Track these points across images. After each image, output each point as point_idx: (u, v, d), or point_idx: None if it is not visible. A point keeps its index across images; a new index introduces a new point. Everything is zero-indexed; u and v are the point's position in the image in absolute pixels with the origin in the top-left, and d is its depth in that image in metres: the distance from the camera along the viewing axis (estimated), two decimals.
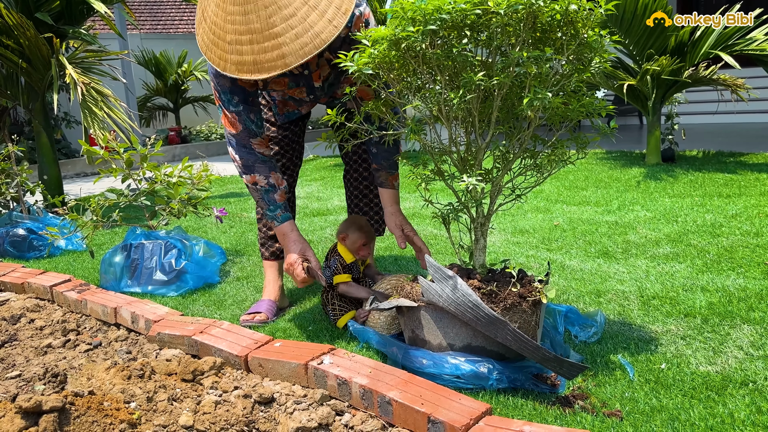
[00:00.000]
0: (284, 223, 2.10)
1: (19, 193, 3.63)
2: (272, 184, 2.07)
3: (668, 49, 4.93)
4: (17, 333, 2.25)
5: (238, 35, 1.74)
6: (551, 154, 1.82)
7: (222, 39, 1.78)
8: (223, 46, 1.78)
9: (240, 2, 1.71)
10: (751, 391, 1.54)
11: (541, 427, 1.35)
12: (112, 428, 1.45)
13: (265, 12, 1.70)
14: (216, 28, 1.78)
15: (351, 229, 2.18)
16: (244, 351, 1.83)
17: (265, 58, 1.75)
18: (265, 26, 1.71)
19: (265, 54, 1.74)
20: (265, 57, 1.74)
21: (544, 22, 1.60)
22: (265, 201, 2.09)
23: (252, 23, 1.72)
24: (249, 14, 1.71)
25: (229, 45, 1.77)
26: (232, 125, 2.03)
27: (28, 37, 4.28)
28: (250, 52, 1.75)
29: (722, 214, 3.35)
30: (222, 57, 1.80)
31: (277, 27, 1.71)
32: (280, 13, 1.70)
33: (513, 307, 1.64)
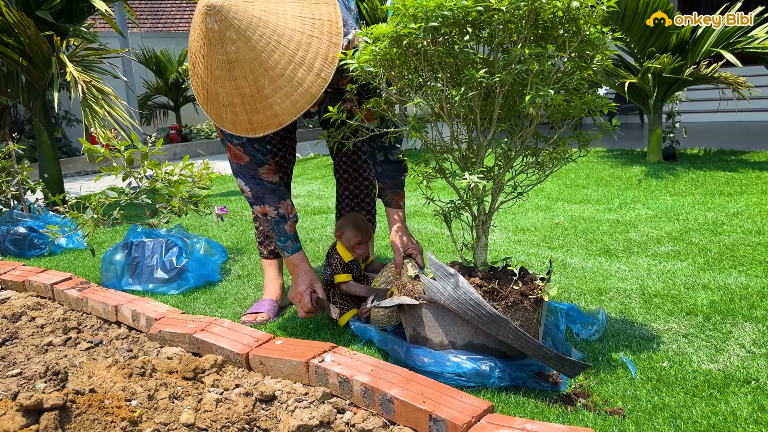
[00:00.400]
0: (295, 254, 2.10)
1: (20, 191, 3.63)
2: (282, 215, 2.06)
3: (669, 47, 4.92)
4: (18, 331, 2.25)
5: (230, 98, 1.73)
6: (553, 152, 1.81)
7: (215, 99, 1.76)
8: (217, 105, 1.77)
9: (225, 68, 1.69)
10: (754, 389, 1.54)
11: (543, 425, 1.35)
12: (113, 426, 1.45)
13: (252, 76, 1.68)
14: (207, 87, 1.76)
15: (347, 227, 2.18)
16: (246, 349, 1.83)
17: (259, 119, 1.74)
18: (255, 90, 1.69)
19: (257, 114, 1.73)
20: (258, 117, 1.74)
21: (545, 19, 1.60)
22: (276, 232, 2.08)
23: (241, 88, 1.70)
24: (237, 80, 1.69)
25: (223, 106, 1.76)
26: (237, 157, 2.01)
27: (29, 35, 4.28)
28: (243, 113, 1.74)
29: (724, 213, 3.35)
30: (218, 115, 1.79)
31: (266, 89, 1.69)
32: (268, 75, 1.67)
33: (515, 305, 1.64)
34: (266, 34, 1.65)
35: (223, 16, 1.62)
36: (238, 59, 1.66)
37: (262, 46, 1.65)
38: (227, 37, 1.64)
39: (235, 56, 1.65)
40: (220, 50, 1.66)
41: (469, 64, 1.63)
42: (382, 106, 1.82)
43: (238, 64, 1.66)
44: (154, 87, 11.12)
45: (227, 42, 1.64)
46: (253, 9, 1.64)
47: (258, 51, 1.65)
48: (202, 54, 1.71)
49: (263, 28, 1.65)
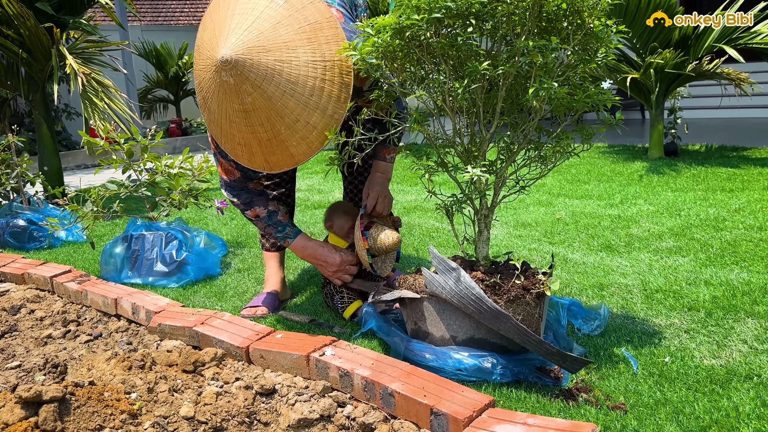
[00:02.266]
0: (297, 237, 2.09)
1: (20, 184, 3.62)
2: (272, 211, 2.08)
3: (672, 43, 4.90)
4: (17, 324, 2.25)
5: (245, 139, 1.75)
6: (556, 146, 1.80)
7: (230, 139, 1.78)
8: (232, 143, 1.79)
9: (241, 116, 1.70)
10: (756, 385, 1.53)
11: (545, 420, 1.34)
12: (112, 418, 1.44)
13: (269, 123, 1.70)
14: (221, 125, 1.77)
15: (335, 215, 2.18)
16: (246, 342, 1.82)
17: (275, 159, 1.78)
18: (272, 135, 1.72)
19: (274, 155, 1.77)
20: (275, 158, 1.78)
21: (549, 11, 1.58)
22: (272, 226, 2.08)
23: (258, 133, 1.72)
24: (254, 126, 1.71)
25: (239, 145, 1.78)
26: (228, 173, 2.03)
27: (29, 27, 4.26)
28: (260, 154, 1.77)
29: (725, 208, 3.34)
30: (233, 149, 1.82)
31: (282, 134, 1.72)
32: (284, 122, 1.70)
33: (516, 299, 1.63)
34: (281, 84, 1.66)
35: (238, 70, 1.63)
36: (254, 109, 1.68)
37: (278, 96, 1.67)
38: (243, 90, 1.65)
39: (252, 106, 1.67)
40: (235, 100, 1.68)
41: (472, 56, 1.62)
42: (384, 100, 1.81)
43: (255, 113, 1.69)
44: (154, 80, 11.09)
45: (243, 94, 1.66)
46: (267, 60, 1.65)
47: (274, 101, 1.67)
48: (215, 97, 1.71)
49: (278, 78, 1.66)
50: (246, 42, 1.63)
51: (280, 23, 1.68)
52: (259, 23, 1.66)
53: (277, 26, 1.67)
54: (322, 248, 2.07)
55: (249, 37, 1.64)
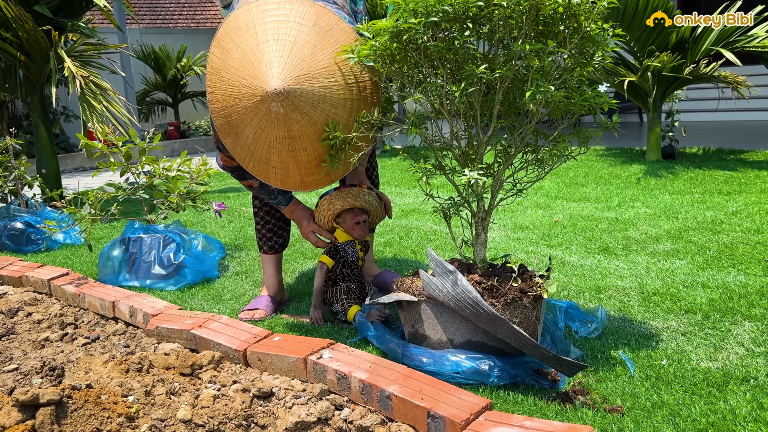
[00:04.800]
0: (289, 203, 2.21)
1: (17, 186, 3.61)
2: None
3: (669, 46, 4.91)
4: (15, 326, 2.24)
5: (284, 164, 1.77)
6: (553, 149, 1.81)
7: (265, 162, 1.80)
8: (266, 167, 1.81)
9: (285, 142, 1.72)
10: (753, 388, 1.54)
11: (542, 422, 1.34)
12: (109, 422, 1.44)
13: (312, 147, 1.74)
14: (256, 151, 1.78)
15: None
16: (243, 345, 1.82)
17: (312, 180, 1.82)
18: (313, 158, 1.76)
19: (311, 176, 1.81)
20: (312, 179, 1.81)
21: (546, 15, 1.59)
22: (265, 193, 2.17)
23: (299, 157, 1.75)
24: (296, 151, 1.74)
25: (274, 168, 1.80)
26: (227, 162, 2.11)
27: (27, 30, 4.26)
28: (296, 175, 1.80)
29: (722, 211, 3.35)
30: (264, 173, 1.83)
31: (323, 156, 1.77)
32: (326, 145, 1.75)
33: (514, 302, 1.63)
34: (326, 109, 1.70)
35: (290, 100, 1.65)
36: (300, 135, 1.71)
37: (323, 120, 1.71)
38: (292, 118, 1.68)
39: (298, 133, 1.70)
40: (282, 128, 1.70)
41: (470, 59, 1.63)
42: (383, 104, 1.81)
43: (299, 138, 1.72)
44: (153, 83, 11.08)
45: (291, 122, 1.68)
46: (313, 88, 1.68)
47: (320, 126, 1.71)
48: (255, 124, 1.72)
49: (323, 104, 1.69)
50: (293, 71, 1.66)
51: (316, 48, 1.71)
52: (298, 49, 1.69)
53: (314, 52, 1.70)
54: (302, 212, 2.24)
55: (293, 64, 1.67)
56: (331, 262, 2.17)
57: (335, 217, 2.17)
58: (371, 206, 2.18)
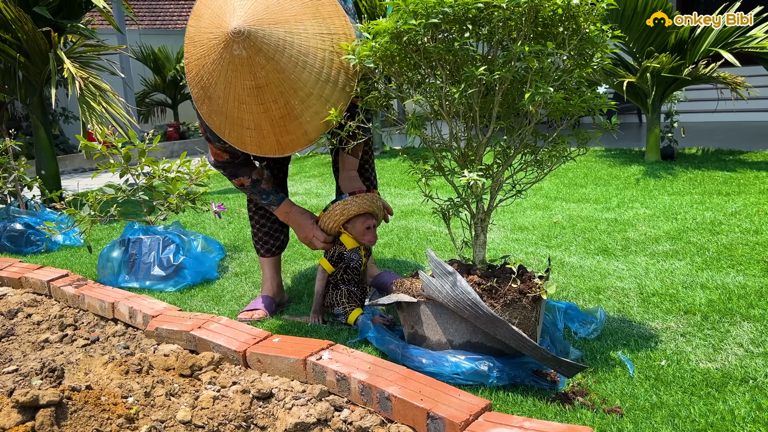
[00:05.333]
0: (281, 204, 2.17)
1: (17, 187, 3.61)
2: (256, 179, 2.12)
3: (668, 47, 4.92)
4: (14, 328, 2.24)
5: (257, 121, 1.72)
6: (552, 150, 1.81)
7: (238, 124, 1.75)
8: (240, 130, 1.76)
9: (254, 94, 1.67)
10: (752, 388, 1.54)
11: (541, 423, 1.34)
12: (109, 423, 1.44)
13: (282, 99, 1.68)
14: (228, 113, 1.74)
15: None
16: (243, 346, 1.82)
17: (289, 139, 1.75)
18: (285, 112, 1.70)
19: (287, 135, 1.74)
20: (289, 138, 1.74)
21: (545, 17, 1.59)
22: (257, 193, 2.15)
23: (270, 111, 1.69)
24: (266, 104, 1.69)
25: (248, 130, 1.75)
26: (217, 155, 2.08)
27: (26, 31, 4.26)
28: (271, 135, 1.74)
29: (722, 212, 3.35)
30: (240, 139, 1.79)
31: (297, 109, 1.70)
32: (297, 96, 1.68)
33: (513, 302, 1.64)
34: (293, 56, 1.65)
35: (251, 41, 1.61)
36: (267, 83, 1.66)
37: (291, 67, 1.65)
38: (256, 63, 1.63)
39: (265, 81, 1.65)
40: (248, 76, 1.65)
41: (469, 61, 1.63)
42: (381, 101, 1.81)
43: (268, 88, 1.67)
44: (152, 84, 11.09)
45: (256, 67, 1.64)
46: (278, 32, 1.64)
47: (287, 72, 1.65)
48: (222, 79, 1.69)
49: (290, 50, 1.65)
50: (255, 14, 1.62)
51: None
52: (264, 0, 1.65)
53: (281, 1, 1.67)
54: (300, 215, 2.17)
55: (257, 9, 1.63)
56: (331, 269, 2.15)
57: (346, 221, 2.13)
58: (380, 212, 2.19)
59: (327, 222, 2.12)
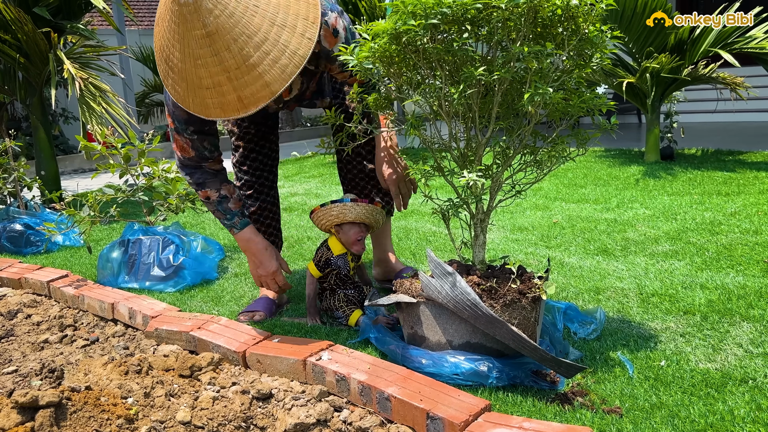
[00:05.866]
0: (244, 228, 2.10)
1: (17, 188, 3.61)
2: (224, 195, 2.07)
3: (668, 47, 4.92)
4: (14, 328, 2.24)
5: (214, 77, 1.65)
6: (551, 150, 1.81)
7: (198, 86, 1.68)
8: (200, 92, 1.69)
9: (205, 43, 1.61)
10: (751, 389, 1.54)
11: (541, 423, 1.34)
12: (109, 423, 1.44)
13: (235, 46, 1.61)
14: (187, 75, 1.68)
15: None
16: (243, 347, 1.82)
17: (249, 92, 1.66)
18: (241, 60, 1.62)
19: (247, 88, 1.65)
20: (249, 91, 1.66)
21: (545, 17, 1.59)
22: (221, 211, 2.08)
23: (225, 61, 1.62)
24: (220, 53, 1.62)
25: (208, 90, 1.67)
26: (183, 150, 2.00)
27: (26, 32, 4.26)
28: (231, 91, 1.66)
29: (721, 212, 3.35)
30: (202, 103, 1.71)
31: (253, 57, 1.62)
32: (252, 42, 1.61)
33: (513, 303, 1.64)
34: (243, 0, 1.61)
35: None
36: (218, 29, 1.59)
37: (241, 11, 1.60)
38: (204, 8, 1.58)
39: (215, 27, 1.59)
40: (197, 25, 1.59)
41: (468, 61, 1.63)
42: (381, 102, 1.81)
43: (219, 35, 1.60)
44: (152, 85, 11.09)
45: (204, 13, 1.58)
46: None
47: (238, 17, 1.59)
48: (177, 38, 1.64)
49: None
50: None
51: None
52: None
53: None
54: (265, 250, 2.10)
55: None
56: (318, 274, 2.15)
57: (339, 225, 2.13)
58: (377, 225, 2.18)
59: (321, 219, 2.12)
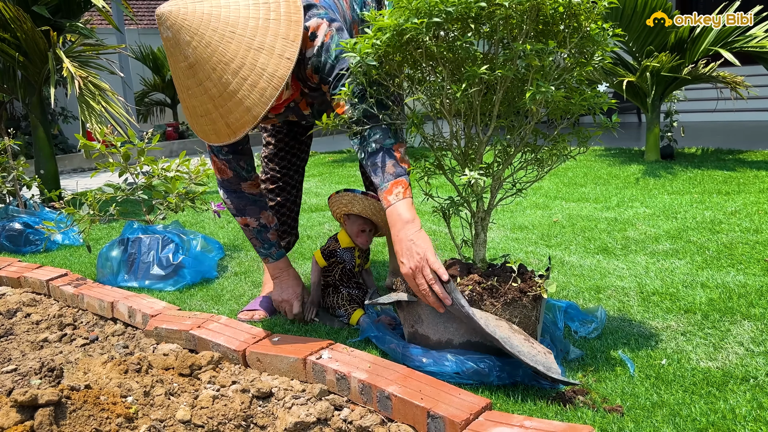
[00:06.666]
0: (279, 260, 2.14)
1: (16, 187, 3.61)
2: (263, 225, 2.09)
3: (668, 46, 4.92)
4: (13, 327, 2.24)
5: (203, 105, 1.70)
6: (552, 149, 1.81)
7: (195, 114, 1.74)
8: (197, 120, 1.75)
9: (190, 74, 1.67)
10: (752, 387, 1.53)
11: (542, 422, 1.34)
12: (108, 422, 1.44)
13: (215, 74, 1.65)
14: (186, 104, 1.75)
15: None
16: (242, 345, 1.82)
17: (234, 118, 1.69)
18: (221, 88, 1.66)
19: (232, 114, 1.69)
20: (234, 117, 1.69)
21: (546, 15, 1.59)
22: (259, 240, 2.11)
23: (209, 90, 1.67)
24: (203, 83, 1.67)
25: (201, 117, 1.73)
26: (222, 172, 2.03)
27: (25, 31, 4.25)
28: (219, 118, 1.71)
29: (721, 211, 3.35)
30: (202, 130, 1.77)
31: (232, 84, 1.65)
32: (229, 69, 1.65)
33: (513, 302, 1.63)
34: (219, 28, 1.64)
35: (172, 21, 1.63)
36: (197, 60, 1.65)
37: (217, 40, 1.64)
38: (182, 41, 1.64)
39: (194, 58, 1.65)
40: (180, 57, 1.66)
41: (469, 59, 1.62)
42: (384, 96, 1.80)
43: (199, 65, 1.65)
44: (151, 84, 11.09)
45: (183, 46, 1.64)
46: (201, 7, 1.65)
47: (214, 46, 1.64)
48: (174, 71, 1.71)
49: (215, 23, 1.64)
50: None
51: None
52: None
53: None
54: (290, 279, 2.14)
55: None
56: (323, 262, 2.16)
57: (347, 215, 2.15)
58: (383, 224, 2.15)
59: (333, 205, 2.14)
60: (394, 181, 1.69)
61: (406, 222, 1.67)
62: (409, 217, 1.67)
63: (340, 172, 6.01)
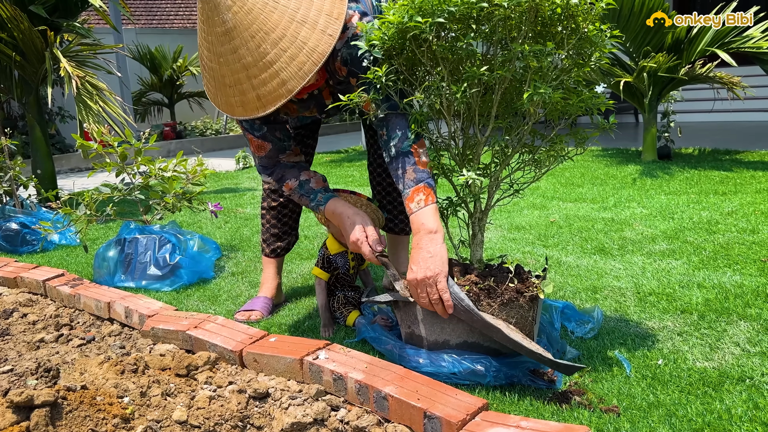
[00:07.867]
0: (328, 202, 1.91)
1: (12, 187, 3.60)
2: (304, 180, 1.97)
3: (665, 47, 4.93)
4: (9, 327, 2.23)
5: (235, 74, 1.65)
6: (550, 149, 1.81)
7: (223, 84, 1.69)
8: (225, 90, 1.70)
9: (226, 40, 1.62)
10: (748, 387, 1.54)
11: (538, 422, 1.34)
12: (104, 423, 1.44)
13: (253, 42, 1.61)
14: (214, 73, 1.70)
15: None
16: (239, 346, 1.82)
17: (267, 90, 1.64)
18: (258, 57, 1.62)
19: (265, 86, 1.64)
20: (267, 89, 1.64)
21: (545, 16, 1.59)
22: (305, 195, 1.96)
23: (244, 58, 1.62)
24: (238, 50, 1.62)
25: (230, 88, 1.68)
26: (259, 148, 1.96)
27: (22, 30, 4.24)
28: (250, 89, 1.66)
29: (718, 212, 3.35)
30: (227, 102, 1.72)
31: (270, 54, 1.61)
32: (269, 39, 1.60)
33: (510, 302, 1.63)
34: None
35: None
36: (236, 26, 1.60)
37: (260, 7, 1.60)
38: (222, 5, 1.59)
39: (233, 23, 1.60)
40: (218, 21, 1.61)
41: (469, 60, 1.62)
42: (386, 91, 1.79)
43: (237, 31, 1.60)
44: (149, 84, 11.07)
45: (223, 10, 1.59)
46: None
47: (256, 13, 1.60)
48: (204, 36, 1.67)
49: None
50: None
51: None
52: None
53: None
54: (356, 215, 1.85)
55: None
56: (325, 276, 2.13)
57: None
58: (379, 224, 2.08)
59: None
60: (415, 187, 1.69)
61: (428, 231, 1.65)
62: (433, 227, 1.65)
63: (337, 172, 6.01)
